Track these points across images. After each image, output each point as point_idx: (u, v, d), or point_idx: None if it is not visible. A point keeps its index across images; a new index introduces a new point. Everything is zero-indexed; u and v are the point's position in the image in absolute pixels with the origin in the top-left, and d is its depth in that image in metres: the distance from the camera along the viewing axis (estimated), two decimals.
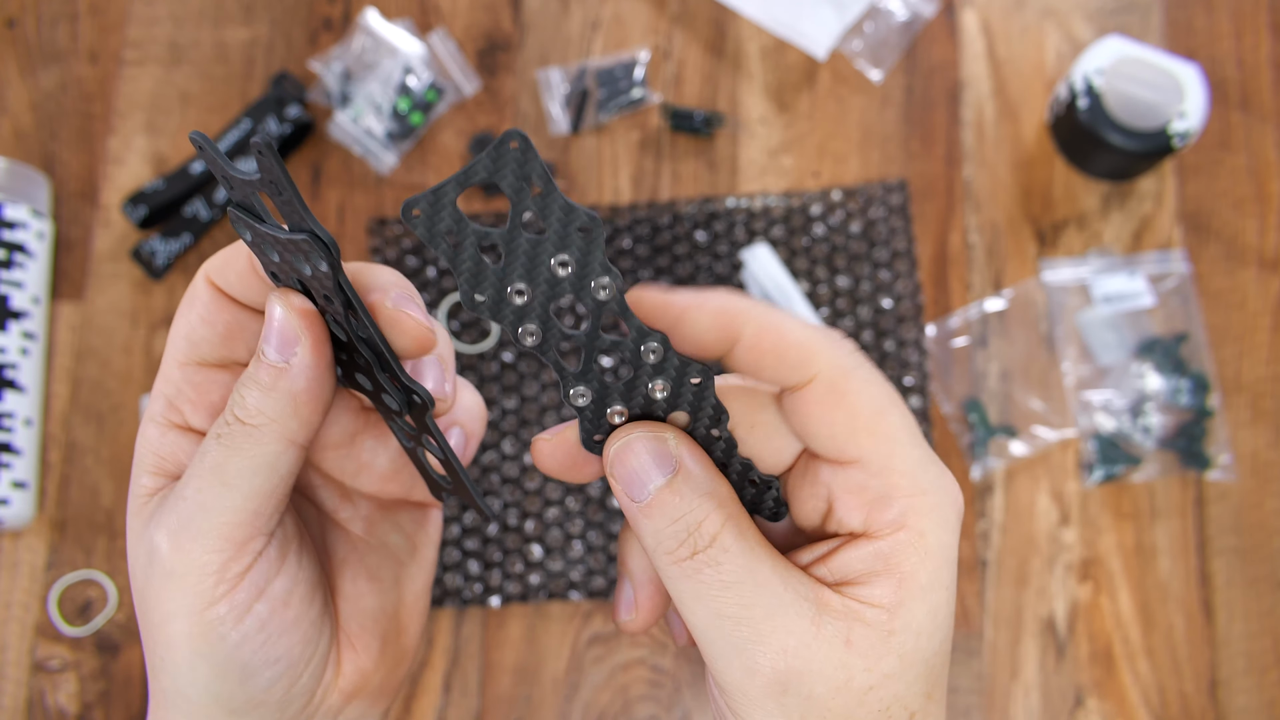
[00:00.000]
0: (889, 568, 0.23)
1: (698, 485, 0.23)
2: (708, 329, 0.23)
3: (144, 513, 0.26)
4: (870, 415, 0.23)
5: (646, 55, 0.69)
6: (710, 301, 0.23)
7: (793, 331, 0.23)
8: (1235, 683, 0.59)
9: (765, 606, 0.22)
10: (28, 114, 0.71)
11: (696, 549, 0.22)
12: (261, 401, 0.24)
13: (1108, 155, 0.62)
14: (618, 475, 0.23)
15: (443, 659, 0.61)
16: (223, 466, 0.24)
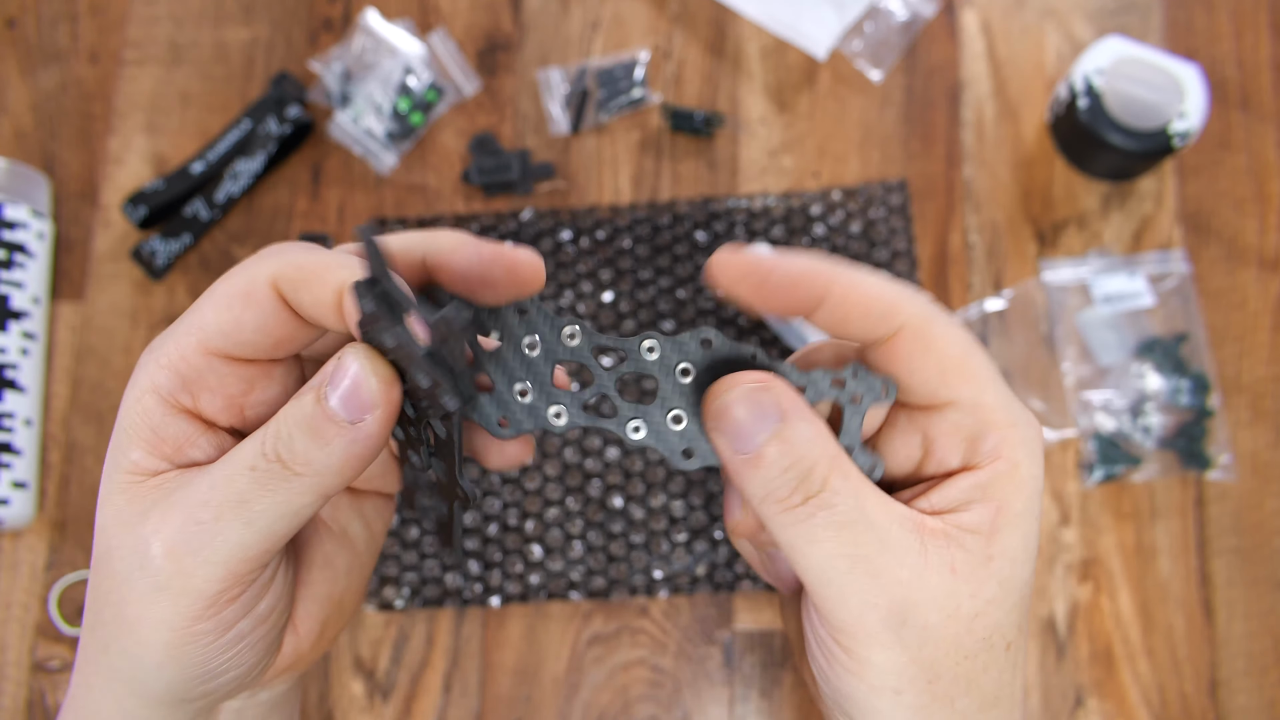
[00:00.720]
0: (986, 495, 0.24)
1: (803, 432, 0.23)
2: (795, 288, 0.24)
3: (135, 496, 0.24)
4: (958, 358, 0.24)
5: (646, 55, 0.69)
6: (795, 263, 0.24)
7: (875, 286, 0.24)
8: (1235, 683, 0.59)
9: (878, 542, 0.23)
10: (28, 114, 0.71)
11: (809, 494, 0.23)
12: (312, 453, 0.23)
13: (1108, 155, 0.62)
14: (724, 429, 0.24)
15: (443, 659, 0.61)
16: (249, 503, 0.23)
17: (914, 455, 0.26)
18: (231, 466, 0.24)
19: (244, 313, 0.24)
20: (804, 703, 0.60)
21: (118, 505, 0.24)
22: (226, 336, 0.24)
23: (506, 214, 0.67)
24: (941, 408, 0.25)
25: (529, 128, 0.69)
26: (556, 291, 0.66)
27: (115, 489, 0.24)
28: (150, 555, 0.23)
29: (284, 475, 0.23)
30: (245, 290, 0.24)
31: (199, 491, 0.24)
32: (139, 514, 0.24)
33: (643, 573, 0.61)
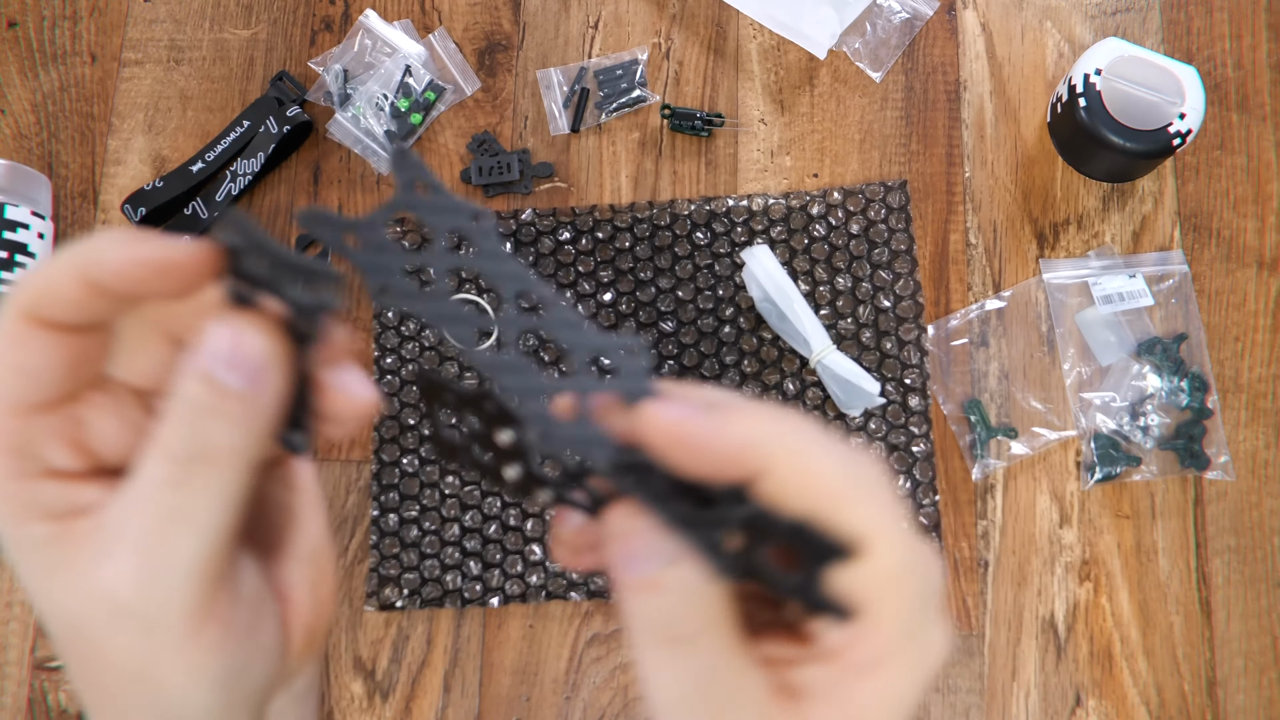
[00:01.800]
0: (843, 701, 0.23)
1: (691, 582, 0.23)
2: (733, 464, 0.22)
3: (64, 563, 0.22)
4: (898, 576, 0.23)
5: (646, 55, 0.69)
6: (736, 435, 0.22)
7: (823, 475, 0.22)
8: (1233, 682, 0.59)
9: (723, 703, 0.23)
10: (28, 114, 0.71)
11: (681, 636, 0.23)
12: (223, 437, 0.22)
13: (1108, 155, 0.62)
14: (620, 549, 0.23)
15: (443, 659, 0.61)
16: (185, 510, 0.21)
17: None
18: (146, 488, 0.22)
19: (12, 359, 0.23)
20: None
21: (56, 582, 0.22)
22: (17, 393, 0.23)
23: (506, 214, 0.67)
24: None
25: (529, 128, 0.69)
26: (556, 291, 0.66)
27: (38, 571, 0.22)
28: (116, 595, 0.22)
29: (207, 471, 0.22)
30: (8, 335, 0.23)
31: (128, 526, 0.22)
32: (81, 575, 0.22)
33: None
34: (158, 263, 0.22)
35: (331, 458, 0.65)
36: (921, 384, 0.63)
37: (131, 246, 0.22)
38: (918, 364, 0.63)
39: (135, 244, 0.22)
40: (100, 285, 0.22)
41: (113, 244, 0.22)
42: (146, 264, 0.22)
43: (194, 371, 0.22)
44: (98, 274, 0.22)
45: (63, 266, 0.22)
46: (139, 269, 0.22)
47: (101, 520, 0.22)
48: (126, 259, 0.22)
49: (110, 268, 0.22)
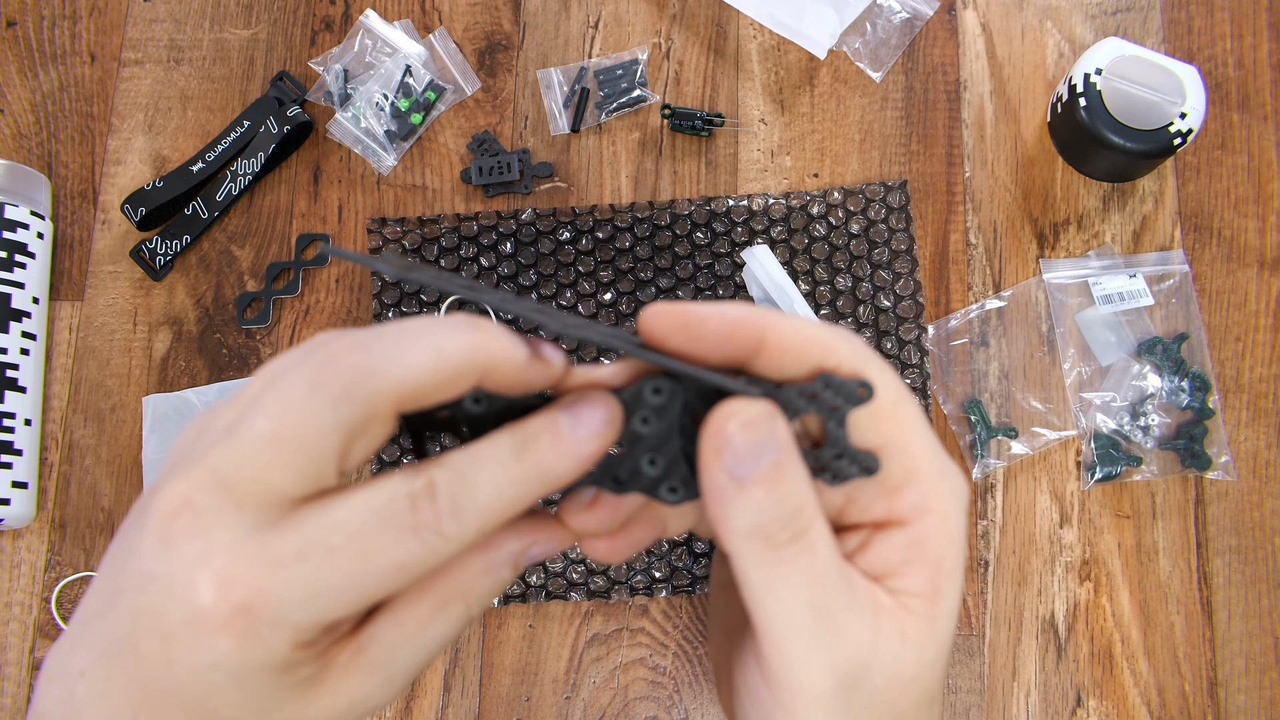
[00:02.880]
0: (923, 554, 0.23)
1: (799, 472, 0.23)
2: (729, 339, 0.23)
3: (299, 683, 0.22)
4: (890, 403, 0.24)
5: (646, 55, 0.69)
6: (728, 313, 0.23)
7: (808, 330, 0.24)
8: (1235, 682, 0.59)
9: (846, 597, 0.23)
10: (28, 114, 0.71)
11: (796, 533, 0.22)
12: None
13: (1108, 155, 0.62)
14: (721, 449, 0.23)
15: (443, 659, 0.61)
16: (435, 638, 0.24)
17: (835, 500, 0.25)
18: (411, 624, 0.23)
19: (448, 384, 0.22)
20: None
21: (316, 704, 0.23)
22: (418, 397, 0.22)
23: (506, 214, 0.67)
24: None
25: (529, 128, 0.69)
26: (556, 291, 0.66)
27: (289, 697, 0.22)
28: (371, 707, 0.23)
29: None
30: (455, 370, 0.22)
31: (396, 656, 0.23)
32: (344, 694, 0.23)
33: (643, 573, 0.61)
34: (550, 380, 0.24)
35: None
36: (922, 384, 0.63)
37: (578, 458, 0.23)
38: (918, 364, 0.63)
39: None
40: (486, 385, 0.23)
41: (509, 347, 0.23)
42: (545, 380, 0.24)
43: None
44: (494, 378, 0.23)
45: (452, 358, 0.22)
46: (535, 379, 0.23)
47: (365, 646, 0.23)
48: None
49: (509, 373, 0.23)
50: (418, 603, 0.24)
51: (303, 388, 0.21)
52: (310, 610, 0.21)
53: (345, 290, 0.67)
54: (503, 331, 0.23)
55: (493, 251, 0.67)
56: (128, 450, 0.66)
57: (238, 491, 0.21)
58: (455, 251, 0.67)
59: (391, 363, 0.22)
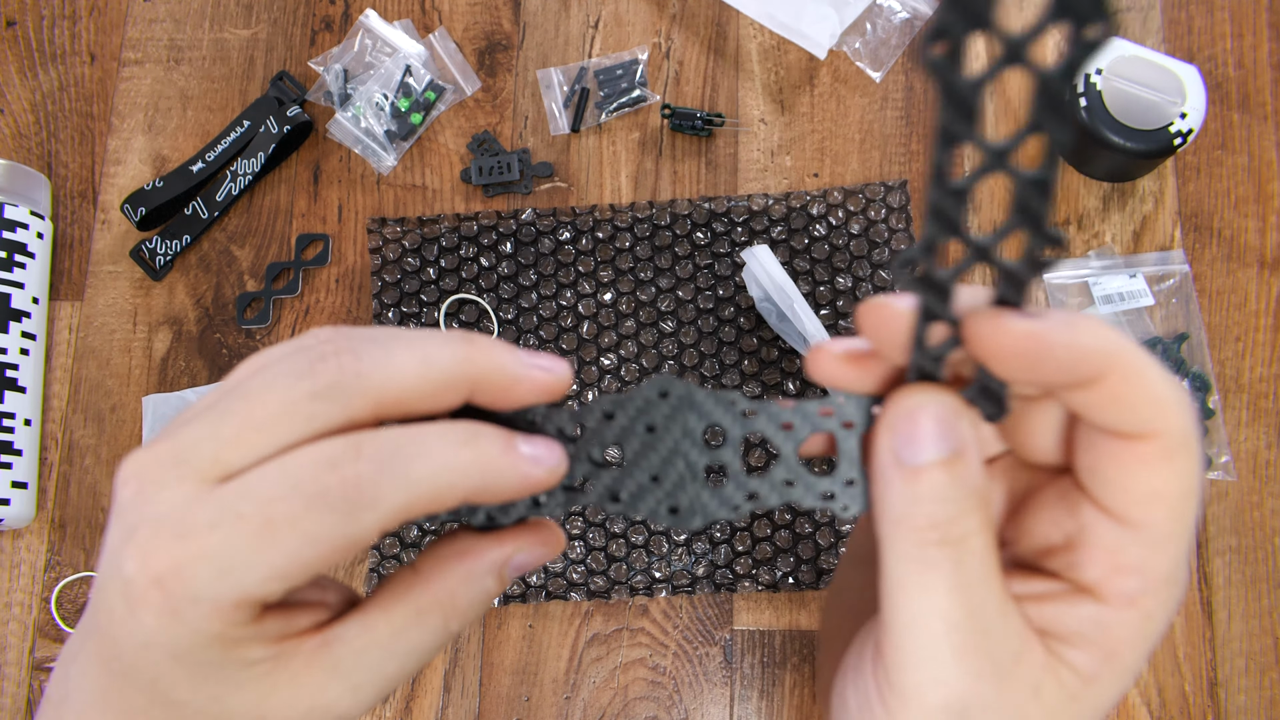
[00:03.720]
0: (1103, 639, 0.22)
1: (972, 478, 0.21)
2: (1072, 369, 0.20)
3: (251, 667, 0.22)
4: (1183, 493, 0.21)
5: (646, 55, 0.69)
6: (1080, 340, 0.20)
7: (1158, 385, 0.21)
8: (1235, 682, 0.59)
9: (983, 625, 0.21)
10: (28, 114, 0.71)
11: (950, 538, 0.21)
12: None
13: (1108, 155, 0.62)
14: (899, 428, 0.21)
15: (443, 659, 0.61)
16: (415, 646, 0.24)
17: (1054, 538, 0.23)
18: (384, 628, 0.23)
19: (435, 395, 0.23)
20: (804, 703, 0.60)
21: (276, 697, 0.23)
22: (401, 404, 0.22)
23: (506, 214, 0.67)
24: (1118, 521, 0.22)
25: (529, 128, 0.69)
26: (556, 291, 0.66)
27: (249, 687, 0.22)
28: (340, 716, 0.23)
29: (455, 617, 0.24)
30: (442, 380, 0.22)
31: (365, 658, 0.23)
32: (307, 693, 0.23)
33: (643, 573, 0.61)
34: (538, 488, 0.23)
35: None
36: None
37: (522, 476, 0.23)
38: None
39: (525, 470, 0.23)
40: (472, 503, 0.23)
41: (504, 471, 0.22)
42: (531, 489, 0.23)
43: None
44: (480, 499, 0.23)
45: (447, 488, 0.22)
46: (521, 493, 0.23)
47: (330, 643, 0.23)
48: (517, 491, 0.23)
49: (498, 497, 0.23)
50: (392, 607, 0.23)
51: (286, 377, 0.21)
52: (224, 586, 0.20)
53: (345, 290, 0.67)
54: (499, 346, 0.23)
55: (493, 251, 0.67)
56: (127, 450, 0.66)
57: (187, 465, 0.21)
58: (455, 251, 0.67)
59: (376, 366, 0.21)
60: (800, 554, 0.61)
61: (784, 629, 0.61)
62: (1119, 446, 0.21)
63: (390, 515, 0.21)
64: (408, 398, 0.22)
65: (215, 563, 0.20)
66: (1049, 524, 0.23)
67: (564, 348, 0.65)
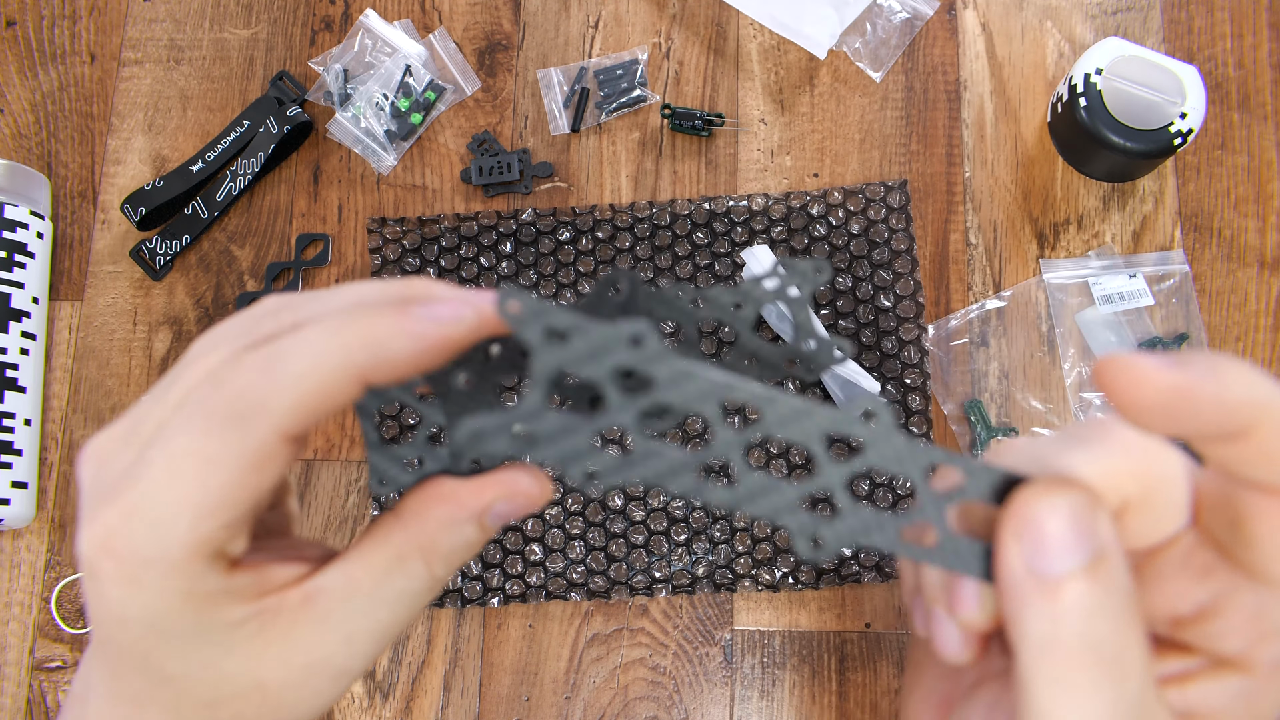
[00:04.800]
0: (1250, 713, 0.20)
1: (1120, 582, 0.19)
2: (1217, 422, 0.19)
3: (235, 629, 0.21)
4: None
5: (646, 55, 0.69)
6: (1230, 390, 0.18)
7: None
8: None
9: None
10: (28, 114, 0.71)
11: (1102, 660, 0.18)
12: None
13: (1108, 155, 0.62)
14: (1027, 535, 0.19)
15: (443, 659, 0.61)
16: (401, 593, 0.23)
17: (1187, 607, 0.21)
18: (364, 573, 0.23)
19: (334, 400, 0.21)
20: (804, 703, 0.60)
21: (268, 654, 0.22)
22: (307, 423, 0.21)
23: (506, 214, 0.67)
24: (1260, 581, 0.20)
25: (529, 128, 0.69)
26: (556, 291, 0.66)
27: (237, 647, 0.22)
28: (339, 667, 0.23)
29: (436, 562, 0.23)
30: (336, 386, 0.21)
31: (352, 606, 0.23)
32: (302, 647, 0.22)
33: (643, 573, 0.61)
34: (442, 344, 0.21)
35: (332, 458, 0.65)
36: (922, 384, 0.63)
37: (414, 334, 0.21)
38: (918, 364, 0.63)
39: (415, 328, 0.21)
40: (374, 381, 0.21)
41: (393, 334, 0.21)
42: (432, 350, 0.21)
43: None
44: (379, 374, 0.21)
45: (334, 371, 0.20)
46: (425, 356, 0.21)
47: (313, 596, 0.22)
48: (413, 351, 0.21)
49: (396, 364, 0.21)
50: (372, 552, 0.23)
51: (222, 343, 0.21)
52: (163, 539, 0.20)
53: None
54: (389, 315, 0.21)
55: (493, 251, 0.67)
56: None
57: (135, 436, 0.21)
58: (455, 251, 0.67)
59: (271, 392, 0.20)
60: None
61: (784, 629, 0.61)
62: (1269, 504, 0.20)
63: (285, 416, 0.20)
64: (309, 417, 0.21)
65: (145, 517, 0.20)
66: (1175, 594, 0.21)
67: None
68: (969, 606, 0.21)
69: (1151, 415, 0.19)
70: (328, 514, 0.64)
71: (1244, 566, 0.20)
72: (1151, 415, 0.19)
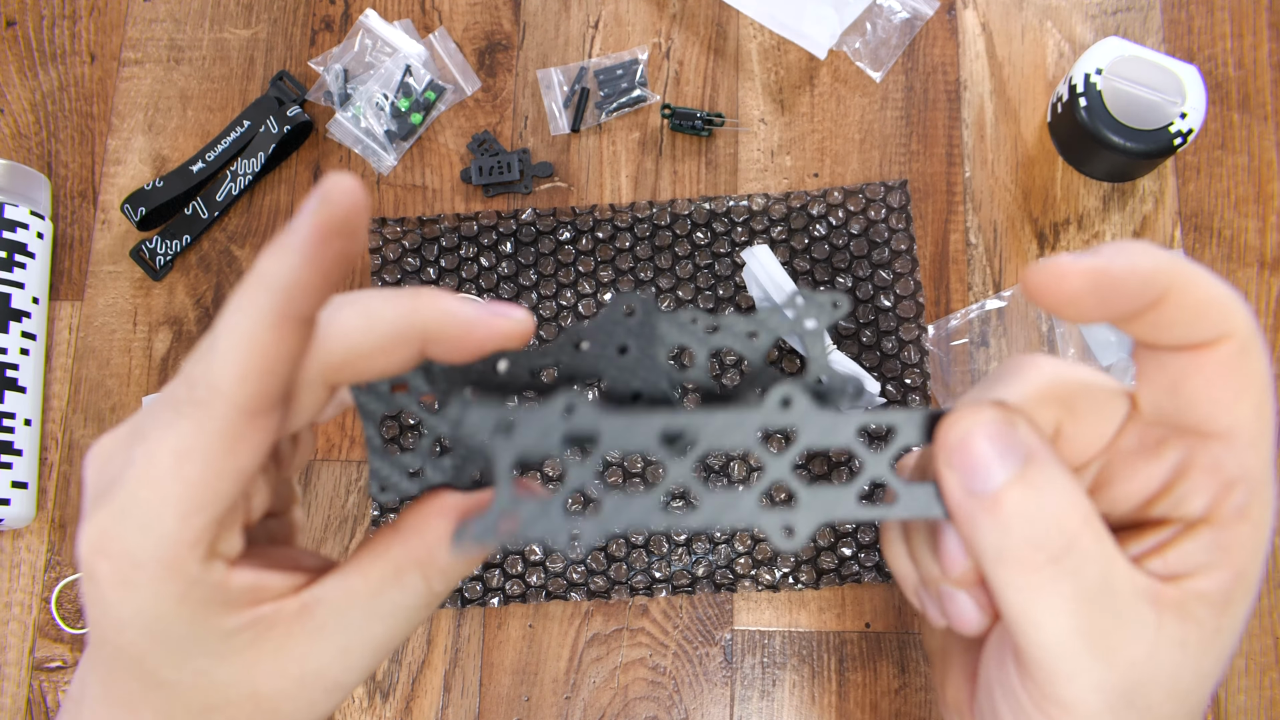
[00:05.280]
0: (1227, 561, 0.21)
1: (1052, 477, 0.20)
2: (1139, 295, 0.20)
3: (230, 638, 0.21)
4: (1263, 386, 0.21)
5: (646, 55, 0.69)
6: (1143, 264, 0.20)
7: (1215, 289, 0.21)
8: (1235, 682, 0.59)
9: (1118, 617, 0.21)
10: (28, 114, 0.71)
11: (1055, 554, 0.20)
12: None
13: (1108, 155, 0.62)
14: (958, 462, 0.20)
15: (443, 659, 0.61)
16: (397, 607, 0.23)
17: (1151, 486, 0.23)
18: (361, 585, 0.23)
19: (383, 352, 0.22)
20: (804, 703, 0.60)
21: (261, 665, 0.22)
22: (350, 365, 0.22)
23: (506, 214, 0.67)
24: (1214, 437, 0.22)
25: (529, 128, 0.69)
26: (556, 291, 0.66)
27: (232, 657, 0.22)
28: (333, 681, 0.23)
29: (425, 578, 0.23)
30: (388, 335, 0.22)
31: (348, 617, 0.23)
32: (296, 659, 0.22)
33: (643, 573, 0.61)
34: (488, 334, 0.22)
35: (332, 458, 0.65)
36: (922, 384, 0.63)
37: (461, 314, 0.22)
38: (918, 364, 0.63)
39: (462, 309, 0.22)
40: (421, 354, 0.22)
41: (446, 313, 0.22)
42: (479, 337, 0.22)
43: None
44: (434, 348, 0.22)
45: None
46: (470, 342, 0.22)
47: (310, 606, 0.22)
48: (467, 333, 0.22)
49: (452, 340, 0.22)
50: (370, 565, 0.23)
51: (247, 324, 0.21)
52: (153, 538, 0.20)
53: (344, 287, 0.67)
54: (448, 295, 0.22)
55: (493, 251, 0.67)
56: None
57: (135, 437, 0.21)
58: (455, 251, 0.67)
59: (215, 368, 0.20)
60: (800, 554, 0.61)
61: (784, 629, 0.61)
62: (1197, 359, 0.21)
63: (235, 388, 0.19)
64: (355, 357, 0.21)
65: (133, 518, 0.20)
66: (1139, 480, 0.23)
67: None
68: (955, 557, 0.22)
69: (1080, 304, 0.20)
70: (328, 514, 0.64)
71: (1191, 429, 0.22)
72: (1080, 304, 0.20)
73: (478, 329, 0.22)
